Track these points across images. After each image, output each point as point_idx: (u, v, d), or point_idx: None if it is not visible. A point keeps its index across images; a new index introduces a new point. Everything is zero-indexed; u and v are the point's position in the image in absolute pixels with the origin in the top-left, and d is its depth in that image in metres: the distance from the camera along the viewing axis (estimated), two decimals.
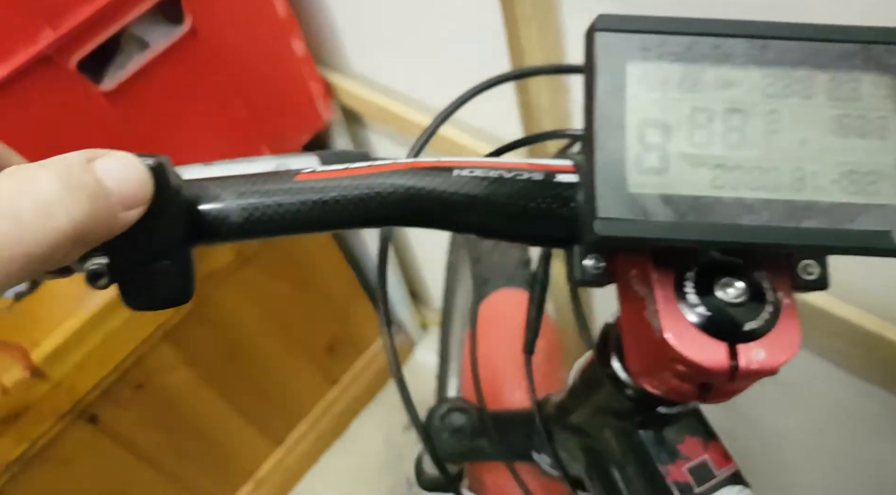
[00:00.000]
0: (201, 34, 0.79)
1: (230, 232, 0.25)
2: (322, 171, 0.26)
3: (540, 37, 0.65)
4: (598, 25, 0.24)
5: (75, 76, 0.71)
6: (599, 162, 0.23)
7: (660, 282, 0.26)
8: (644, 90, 0.24)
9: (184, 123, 0.83)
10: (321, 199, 0.26)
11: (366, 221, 0.26)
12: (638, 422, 0.33)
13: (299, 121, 0.97)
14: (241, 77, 0.86)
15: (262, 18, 0.86)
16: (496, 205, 0.27)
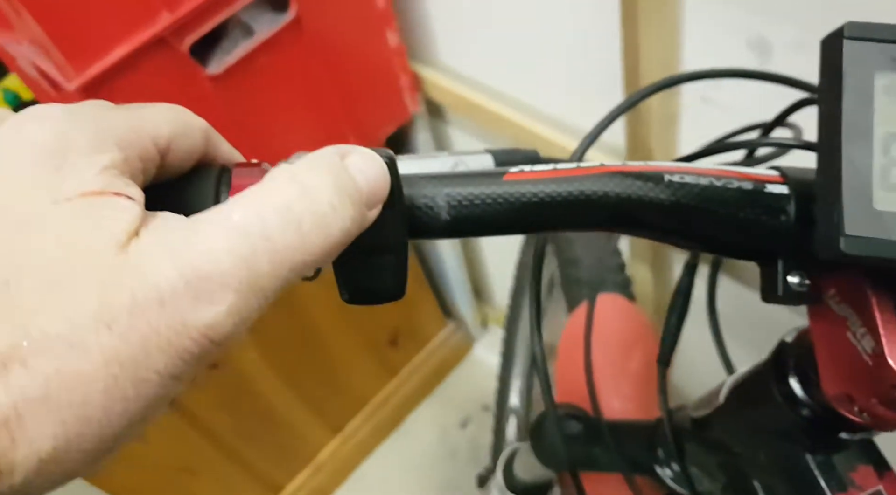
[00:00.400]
0: (304, 23, 0.80)
1: (440, 229, 0.25)
2: (531, 171, 0.26)
3: (659, 36, 0.63)
4: (846, 33, 0.23)
5: (186, 60, 0.72)
6: (846, 176, 0.22)
7: (879, 304, 0.25)
8: (893, 102, 0.23)
9: (280, 109, 0.84)
10: (531, 200, 0.25)
11: (574, 224, 0.26)
12: (807, 446, 0.32)
13: (386, 112, 0.97)
14: (337, 66, 0.86)
15: (361, 8, 0.86)
16: (707, 213, 0.26)
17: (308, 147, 0.87)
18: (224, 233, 0.19)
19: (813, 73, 0.57)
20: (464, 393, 1.38)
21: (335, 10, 0.83)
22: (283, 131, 0.86)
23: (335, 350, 1.16)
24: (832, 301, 0.27)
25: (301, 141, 0.88)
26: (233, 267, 0.18)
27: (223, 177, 0.24)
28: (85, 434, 0.17)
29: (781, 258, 0.27)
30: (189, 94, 0.73)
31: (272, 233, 0.19)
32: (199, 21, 0.70)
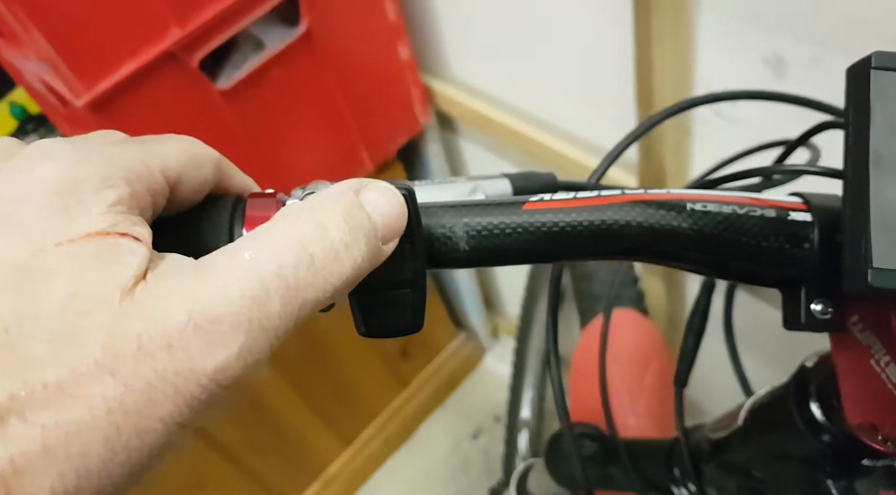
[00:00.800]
0: (315, 36, 0.80)
1: (459, 259, 0.25)
2: (550, 201, 0.25)
3: (672, 54, 0.63)
4: (874, 63, 0.23)
5: (196, 74, 0.72)
6: (875, 207, 0.22)
7: None
8: None
9: (292, 123, 0.84)
10: (551, 230, 0.25)
11: (595, 254, 0.25)
12: (829, 472, 0.32)
13: (397, 125, 0.98)
14: (348, 80, 0.86)
15: (372, 22, 0.86)
16: (730, 242, 0.26)
17: (319, 158, 0.86)
18: (235, 272, 0.19)
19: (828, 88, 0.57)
20: (475, 405, 1.38)
21: (346, 24, 0.83)
22: (295, 144, 0.86)
23: (346, 361, 1.16)
24: (856, 328, 0.27)
25: (313, 153, 0.89)
26: (244, 307, 0.18)
27: (237, 208, 0.23)
28: (84, 486, 0.16)
29: (805, 286, 0.26)
30: (199, 109, 0.74)
31: (285, 272, 0.19)
32: (209, 36, 0.71)
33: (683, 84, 0.67)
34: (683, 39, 0.64)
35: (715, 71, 0.65)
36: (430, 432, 1.34)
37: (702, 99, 0.36)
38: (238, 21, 0.73)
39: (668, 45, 0.62)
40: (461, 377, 1.39)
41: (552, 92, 0.86)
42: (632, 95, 0.70)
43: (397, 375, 1.27)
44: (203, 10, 0.69)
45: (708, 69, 0.66)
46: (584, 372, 0.66)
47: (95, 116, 0.69)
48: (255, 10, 0.74)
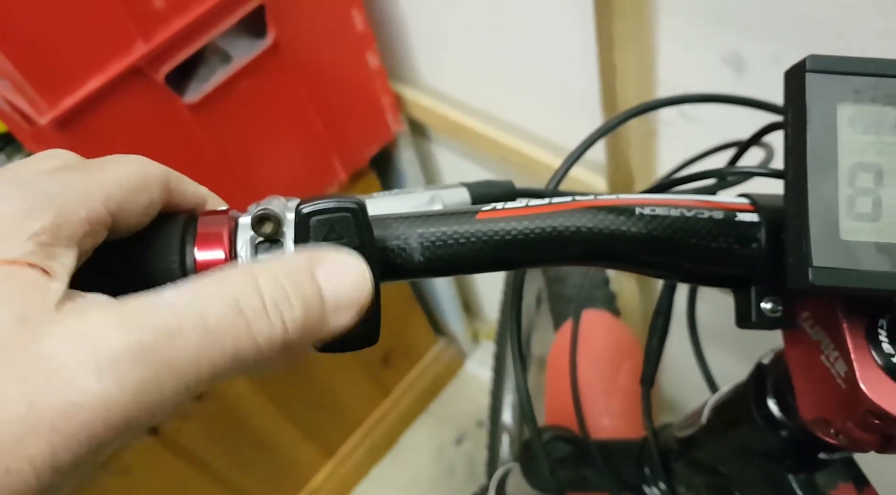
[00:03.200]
0: (283, 47, 0.80)
1: (414, 270, 0.25)
2: (503, 209, 0.26)
3: (634, 56, 0.64)
4: (808, 66, 0.23)
5: (163, 89, 0.71)
6: (813, 207, 0.23)
7: (850, 329, 0.25)
8: (856, 133, 0.23)
9: (263, 135, 0.84)
10: (503, 239, 0.25)
11: (548, 260, 0.26)
12: (789, 466, 0.32)
13: (369, 133, 0.98)
14: (317, 90, 0.86)
15: (340, 32, 0.86)
16: (679, 244, 0.26)
17: (291, 169, 0.86)
18: (154, 310, 0.18)
19: None
20: (458, 410, 1.38)
21: (314, 34, 0.83)
22: (266, 156, 0.86)
23: (326, 372, 1.16)
24: (806, 324, 0.28)
25: (285, 164, 0.88)
26: (151, 342, 0.17)
27: (188, 228, 0.23)
28: None
29: (754, 285, 0.27)
30: (167, 123, 0.73)
31: (207, 319, 0.18)
32: (175, 50, 0.70)
33: (646, 85, 0.68)
34: (645, 41, 0.64)
35: (676, 71, 0.66)
36: (413, 439, 1.34)
37: (654, 104, 0.37)
38: (204, 34, 0.72)
39: (630, 48, 0.63)
40: (443, 383, 1.39)
41: (523, 97, 0.87)
42: (599, 99, 0.71)
43: (379, 383, 1.27)
44: (168, 24, 0.69)
45: (670, 70, 0.67)
46: (558, 374, 0.66)
47: (61, 134, 0.68)
48: (222, 23, 0.74)
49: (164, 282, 0.23)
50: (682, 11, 0.61)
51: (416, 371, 1.33)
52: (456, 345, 1.41)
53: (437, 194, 0.31)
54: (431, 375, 1.36)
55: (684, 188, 0.34)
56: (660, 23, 0.63)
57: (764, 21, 0.57)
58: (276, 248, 0.23)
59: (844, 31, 0.53)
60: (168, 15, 0.69)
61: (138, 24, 0.67)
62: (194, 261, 0.23)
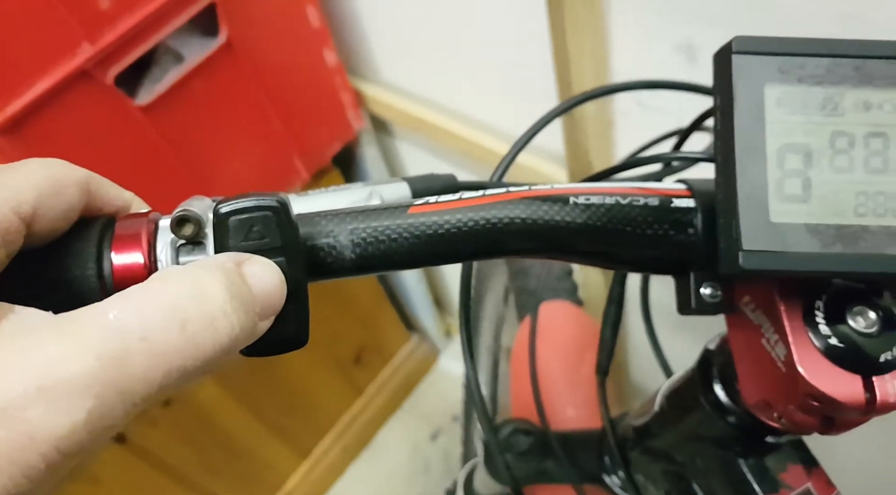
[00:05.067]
0: (236, 46, 0.78)
1: (343, 268, 0.24)
2: (435, 203, 0.25)
3: (588, 45, 0.64)
4: (734, 48, 0.23)
5: (112, 91, 0.70)
6: (741, 190, 0.22)
7: (788, 311, 0.25)
8: (784, 114, 0.23)
9: (219, 135, 0.82)
10: (436, 233, 0.25)
11: (482, 253, 0.25)
12: (738, 451, 0.32)
13: (330, 130, 0.97)
14: (274, 88, 0.85)
15: (296, 29, 0.85)
16: (614, 232, 0.26)
17: (251, 169, 0.84)
18: (95, 331, 0.17)
19: None
20: (432, 406, 1.38)
21: (268, 32, 0.82)
22: (225, 157, 0.85)
23: (297, 373, 1.14)
24: (747, 308, 0.28)
25: (244, 165, 0.87)
26: (99, 369, 0.17)
27: (106, 232, 0.23)
28: None
29: (693, 271, 0.27)
30: (118, 126, 0.72)
31: (151, 335, 0.18)
32: (124, 51, 0.69)
33: (601, 75, 0.68)
34: (598, 31, 0.64)
35: (631, 61, 0.66)
36: (388, 437, 1.34)
37: (589, 94, 0.37)
38: (153, 35, 0.71)
39: (583, 38, 0.63)
40: (417, 379, 1.39)
41: (483, 90, 0.87)
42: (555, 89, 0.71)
43: (352, 383, 1.26)
44: (115, 25, 0.67)
45: (624, 59, 0.67)
46: (521, 367, 0.66)
47: (8, 140, 0.66)
48: (171, 23, 0.72)
49: (84, 289, 0.22)
50: (634, 1, 0.61)
51: (388, 368, 1.32)
52: (429, 341, 1.40)
53: (375, 190, 0.30)
54: (405, 372, 1.35)
55: (630, 175, 0.34)
56: (612, 12, 0.63)
57: (713, 8, 0.57)
58: (199, 251, 0.23)
59: (795, 15, 0.53)
60: (114, 16, 0.67)
61: (83, 26, 0.66)
62: (111, 266, 0.22)
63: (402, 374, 1.35)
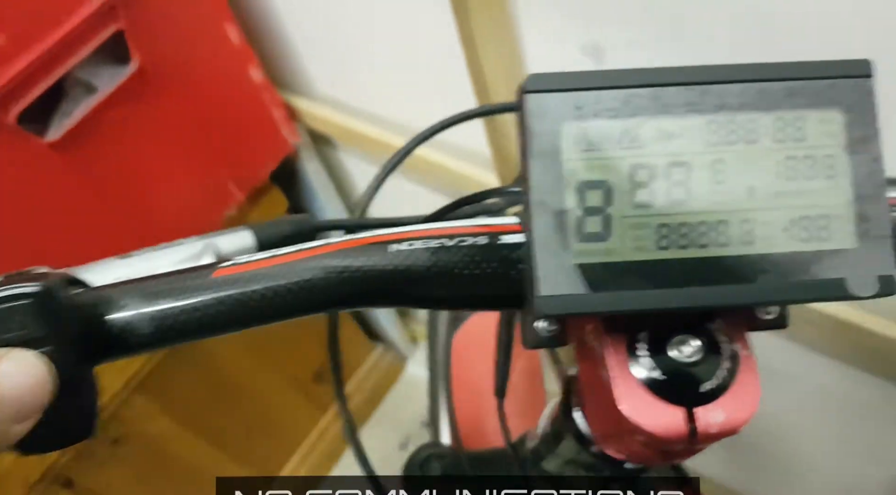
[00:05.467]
0: (150, 72, 0.77)
1: (140, 344, 0.23)
2: (242, 263, 0.24)
3: (498, 55, 0.63)
4: (527, 87, 0.22)
5: (16, 130, 0.67)
6: (538, 233, 0.22)
7: (612, 344, 0.24)
8: (581, 151, 0.22)
9: (142, 167, 0.81)
10: (244, 296, 0.24)
11: (298, 312, 0.24)
12: (608, 477, 0.32)
13: (264, 149, 0.95)
14: (198, 111, 0.84)
15: (215, 49, 0.83)
16: (440, 276, 0.25)
17: (180, 197, 0.81)
18: None
19: None
20: (401, 414, 1.37)
21: (185, 54, 0.81)
22: (151, 188, 0.83)
23: (256, 397, 1.13)
24: (590, 337, 0.27)
25: (173, 194, 0.85)
26: None
27: None
28: None
29: (527, 305, 0.26)
30: (24, 167, 0.70)
31: None
32: (25, 88, 0.67)
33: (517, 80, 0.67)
34: (509, 36, 0.64)
35: (543, 65, 0.66)
36: None
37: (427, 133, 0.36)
38: (57, 68, 0.69)
39: (493, 44, 0.62)
40: (384, 390, 1.38)
41: (411, 100, 0.86)
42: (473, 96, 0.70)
43: (315, 401, 1.24)
44: (12, 62, 0.66)
45: (537, 64, 0.66)
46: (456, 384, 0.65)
47: None
48: (76, 54, 0.70)
49: None
50: (539, 4, 0.61)
51: (353, 382, 1.31)
52: (394, 349, 1.39)
53: (210, 243, 0.29)
54: (371, 384, 1.34)
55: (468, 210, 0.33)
56: (520, 17, 0.63)
57: (614, 9, 0.56)
58: None
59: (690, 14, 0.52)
60: (11, 52, 0.65)
61: None
62: None
63: (369, 385, 1.34)
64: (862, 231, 0.22)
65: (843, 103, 0.22)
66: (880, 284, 0.22)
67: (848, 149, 0.22)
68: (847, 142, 0.22)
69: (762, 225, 0.22)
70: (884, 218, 0.22)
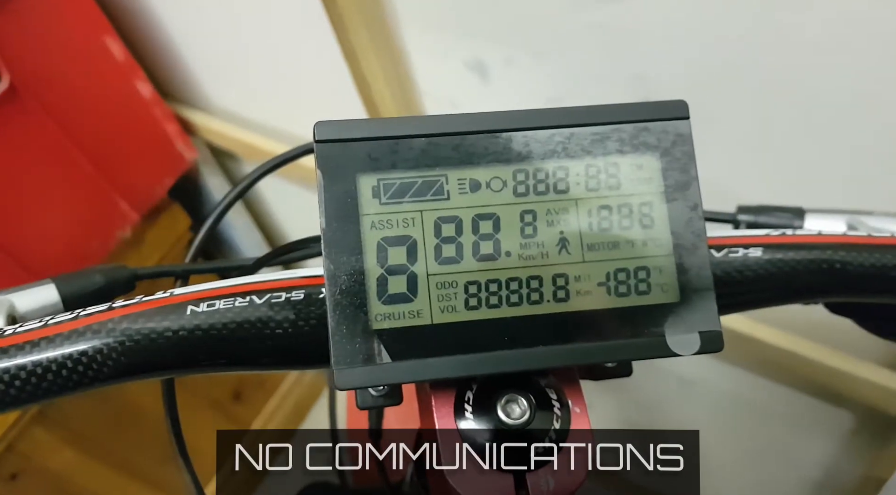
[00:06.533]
0: (23, 90, 0.72)
1: None
2: (9, 336, 0.21)
3: (382, 69, 0.61)
4: (317, 136, 0.20)
5: None
6: (333, 298, 0.20)
7: (438, 406, 0.23)
8: (380, 205, 0.21)
9: (16, 191, 0.75)
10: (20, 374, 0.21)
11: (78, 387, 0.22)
12: None
13: (158, 165, 0.90)
14: (80, 130, 0.79)
15: (96, 65, 0.78)
16: (247, 336, 0.23)
17: (65, 222, 0.76)
18: None
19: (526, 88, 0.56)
20: None
21: (62, 72, 0.76)
22: (31, 213, 0.78)
23: None
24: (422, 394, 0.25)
25: (56, 218, 0.80)
26: None
27: None
28: None
29: None
30: None
31: None
32: None
33: (408, 95, 0.65)
34: (394, 53, 0.62)
35: (433, 81, 0.64)
36: None
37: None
38: None
39: (376, 59, 0.60)
40: (307, 406, 1.34)
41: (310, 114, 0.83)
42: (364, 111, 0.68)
43: (235, 421, 1.20)
44: None
45: (427, 79, 0.64)
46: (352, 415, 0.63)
47: None
48: None
49: None
50: (420, 22, 0.59)
51: (274, 400, 1.27)
52: None
53: (4, 300, 0.26)
54: (294, 399, 1.31)
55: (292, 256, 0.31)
56: (403, 34, 0.61)
57: (490, 26, 0.55)
58: None
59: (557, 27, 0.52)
60: None
61: None
62: None
63: (291, 402, 1.30)
64: (682, 283, 0.21)
65: (658, 147, 0.21)
66: (702, 340, 0.21)
67: (665, 196, 0.21)
68: (664, 189, 0.21)
69: (576, 280, 0.21)
70: (704, 268, 0.21)
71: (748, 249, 0.25)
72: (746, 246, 0.25)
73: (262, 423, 1.26)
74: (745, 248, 0.25)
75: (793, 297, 0.25)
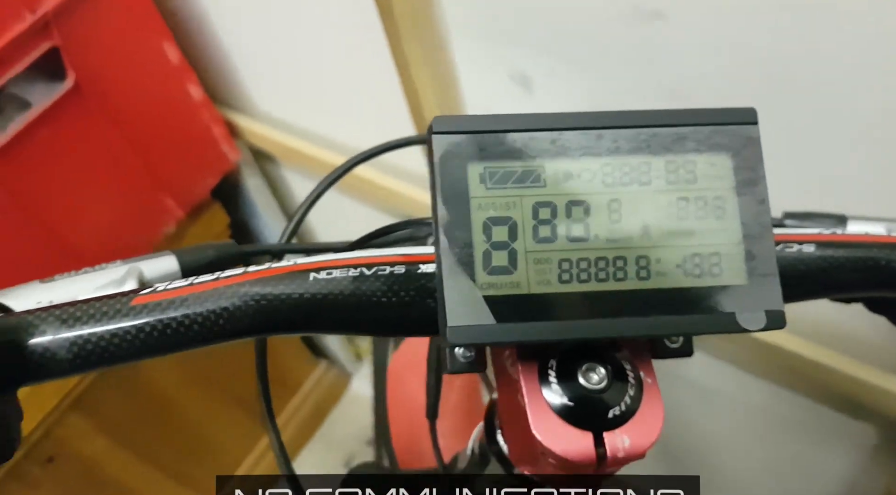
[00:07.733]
0: (86, 89, 0.76)
1: (60, 369, 0.23)
2: (163, 291, 0.25)
3: (432, 80, 0.64)
4: (434, 128, 0.24)
5: None
6: (447, 266, 0.23)
7: (524, 372, 0.26)
8: (487, 190, 0.24)
9: (75, 183, 0.79)
10: (161, 323, 0.24)
11: (217, 338, 0.25)
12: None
13: (203, 165, 0.94)
14: (134, 129, 0.83)
15: (153, 67, 0.82)
16: (358, 304, 0.26)
17: (116, 216, 0.80)
18: None
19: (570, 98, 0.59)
20: (345, 432, 1.36)
21: (121, 73, 0.80)
22: (85, 206, 0.81)
23: (195, 417, 1.11)
24: (508, 363, 0.28)
25: (108, 212, 0.84)
26: None
27: None
28: None
29: None
30: None
31: None
32: None
33: (453, 105, 0.69)
34: (443, 63, 0.65)
35: (477, 91, 0.67)
36: (301, 468, 1.31)
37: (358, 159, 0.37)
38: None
39: (426, 70, 0.64)
40: (328, 407, 1.37)
41: (355, 122, 0.86)
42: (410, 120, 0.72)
43: (257, 418, 1.23)
44: None
45: (472, 90, 0.68)
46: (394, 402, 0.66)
47: None
48: (10, 70, 0.69)
49: None
50: (470, 33, 0.62)
51: (296, 399, 1.30)
52: (338, 366, 1.39)
53: (134, 267, 0.29)
54: (314, 401, 1.33)
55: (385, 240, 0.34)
56: (453, 45, 0.64)
57: (534, 38, 0.58)
58: None
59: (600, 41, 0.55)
60: None
61: None
62: None
63: (312, 403, 1.33)
64: (750, 268, 0.24)
65: (730, 148, 0.24)
66: (768, 319, 0.24)
67: (736, 191, 0.24)
68: (735, 185, 0.24)
69: (657, 261, 0.24)
70: (770, 256, 0.24)
71: (802, 245, 0.28)
72: (801, 242, 0.28)
73: (282, 422, 1.28)
74: (799, 244, 0.28)
75: (841, 290, 0.28)
